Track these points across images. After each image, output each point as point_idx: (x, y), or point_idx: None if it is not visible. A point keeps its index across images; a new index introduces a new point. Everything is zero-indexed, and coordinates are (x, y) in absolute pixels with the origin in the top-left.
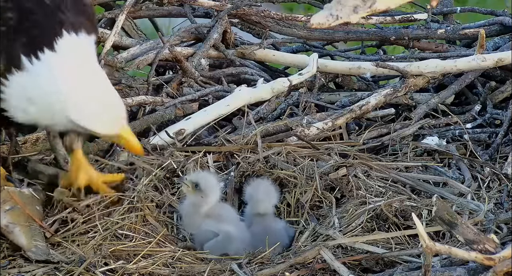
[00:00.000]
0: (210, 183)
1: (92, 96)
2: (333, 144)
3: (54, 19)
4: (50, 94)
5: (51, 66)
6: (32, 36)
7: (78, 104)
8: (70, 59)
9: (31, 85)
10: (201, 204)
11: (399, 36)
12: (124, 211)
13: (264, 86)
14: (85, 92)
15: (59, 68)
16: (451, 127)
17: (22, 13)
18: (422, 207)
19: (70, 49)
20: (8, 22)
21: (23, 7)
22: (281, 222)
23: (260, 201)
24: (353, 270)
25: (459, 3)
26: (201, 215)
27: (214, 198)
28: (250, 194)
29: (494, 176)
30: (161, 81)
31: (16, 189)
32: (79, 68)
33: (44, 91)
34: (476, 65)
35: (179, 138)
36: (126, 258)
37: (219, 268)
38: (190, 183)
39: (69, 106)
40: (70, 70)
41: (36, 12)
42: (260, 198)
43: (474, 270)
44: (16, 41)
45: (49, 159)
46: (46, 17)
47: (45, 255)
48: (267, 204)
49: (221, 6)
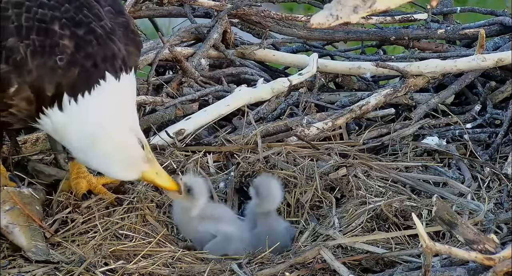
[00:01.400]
0: (200, 187)
1: (110, 145)
2: (333, 144)
3: (107, 51)
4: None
5: (84, 111)
6: (82, 72)
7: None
8: (102, 105)
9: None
10: (191, 208)
11: (399, 36)
12: (124, 211)
13: (264, 86)
14: (103, 143)
15: (90, 114)
16: (451, 127)
17: (78, 42)
18: (422, 207)
19: (108, 93)
20: (65, 51)
21: (77, 35)
22: (284, 222)
23: (266, 199)
24: (353, 270)
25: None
26: (194, 218)
27: (202, 201)
28: (257, 190)
29: (494, 176)
30: (161, 81)
31: (16, 189)
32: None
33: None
34: (476, 65)
35: (179, 138)
36: (126, 258)
37: (219, 268)
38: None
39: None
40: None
41: (89, 41)
42: (267, 195)
43: (474, 270)
44: (66, 76)
45: (49, 159)
46: (100, 47)
47: (45, 255)
48: (273, 202)
49: (221, 6)
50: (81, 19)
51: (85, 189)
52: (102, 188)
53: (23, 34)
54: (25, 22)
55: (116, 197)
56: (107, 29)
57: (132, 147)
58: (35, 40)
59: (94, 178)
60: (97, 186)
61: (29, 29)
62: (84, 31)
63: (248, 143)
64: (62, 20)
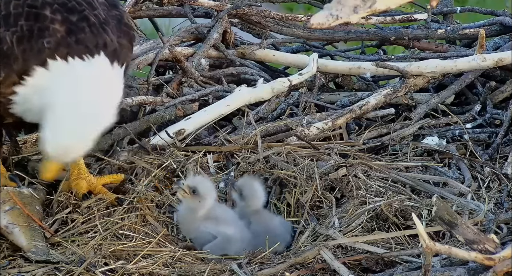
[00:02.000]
0: (207, 187)
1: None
2: (333, 144)
3: (99, 39)
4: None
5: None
6: (72, 53)
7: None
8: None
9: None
10: (198, 208)
11: (399, 36)
12: (124, 211)
13: (264, 86)
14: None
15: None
16: (451, 127)
17: (69, 27)
18: (422, 207)
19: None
20: (55, 34)
21: (70, 20)
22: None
23: (251, 199)
24: (353, 270)
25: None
26: (198, 218)
27: (210, 201)
28: (240, 192)
29: (494, 176)
30: (161, 81)
31: (16, 189)
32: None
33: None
34: (476, 65)
35: (179, 138)
36: (126, 258)
37: (219, 268)
38: (187, 188)
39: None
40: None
41: (82, 28)
42: (251, 195)
43: (474, 270)
44: (53, 55)
45: None
46: (92, 35)
47: (45, 255)
48: (258, 201)
49: (221, 6)
50: (74, 6)
51: (86, 190)
52: (102, 188)
53: (11, 22)
54: (14, 9)
55: (116, 197)
56: (100, 19)
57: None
58: (23, 26)
59: (94, 178)
60: (97, 187)
61: (18, 15)
62: (77, 18)
63: (248, 143)
64: (54, 6)
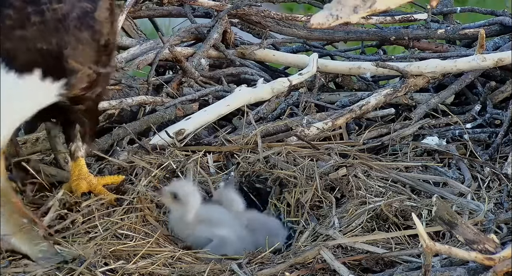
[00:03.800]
0: (187, 191)
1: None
2: (333, 144)
3: (52, 39)
4: None
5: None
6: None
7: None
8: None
9: None
10: (184, 212)
11: (399, 36)
12: (124, 211)
13: (264, 86)
14: None
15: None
16: (451, 127)
17: (22, 20)
18: (422, 207)
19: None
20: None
21: (24, 12)
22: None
23: (230, 205)
24: (353, 270)
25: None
26: (191, 223)
27: (194, 204)
28: (219, 203)
29: (494, 176)
30: (161, 81)
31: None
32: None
33: None
34: (476, 65)
35: (179, 138)
36: (126, 258)
37: (219, 268)
38: (169, 194)
39: None
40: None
41: (36, 23)
42: (230, 201)
43: (474, 270)
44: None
45: (49, 159)
46: (42, 34)
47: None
48: (238, 205)
49: (221, 6)
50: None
51: (86, 190)
52: (102, 188)
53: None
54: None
55: (116, 197)
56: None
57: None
58: None
59: (94, 178)
60: (98, 187)
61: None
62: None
63: (248, 143)
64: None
